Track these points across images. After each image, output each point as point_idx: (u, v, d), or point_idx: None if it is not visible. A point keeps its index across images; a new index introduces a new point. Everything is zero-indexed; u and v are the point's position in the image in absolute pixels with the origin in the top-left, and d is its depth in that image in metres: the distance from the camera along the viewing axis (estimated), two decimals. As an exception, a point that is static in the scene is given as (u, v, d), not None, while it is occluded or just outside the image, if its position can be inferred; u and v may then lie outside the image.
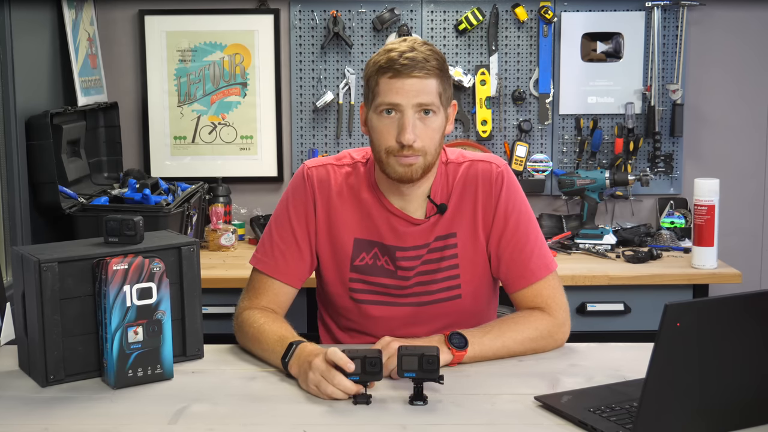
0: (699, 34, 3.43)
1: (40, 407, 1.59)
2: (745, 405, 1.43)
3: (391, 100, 1.80)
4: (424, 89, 1.79)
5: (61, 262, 1.66)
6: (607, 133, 3.45)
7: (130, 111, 3.47)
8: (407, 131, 1.78)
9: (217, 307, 2.81)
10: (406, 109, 1.79)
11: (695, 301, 1.90)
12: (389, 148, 1.82)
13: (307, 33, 3.41)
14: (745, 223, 3.50)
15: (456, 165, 1.95)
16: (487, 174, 1.93)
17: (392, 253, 1.93)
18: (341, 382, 1.59)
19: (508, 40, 3.42)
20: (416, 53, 1.80)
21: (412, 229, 1.92)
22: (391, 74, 1.79)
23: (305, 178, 1.96)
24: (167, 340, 1.71)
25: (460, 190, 1.93)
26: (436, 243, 1.93)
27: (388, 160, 1.83)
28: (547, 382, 1.69)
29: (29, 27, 2.80)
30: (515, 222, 1.92)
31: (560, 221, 3.34)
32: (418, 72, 1.78)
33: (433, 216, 1.92)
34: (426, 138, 1.82)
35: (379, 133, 1.83)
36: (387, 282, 1.94)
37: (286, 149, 3.48)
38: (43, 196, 2.72)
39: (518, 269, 1.92)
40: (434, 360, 1.56)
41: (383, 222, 1.93)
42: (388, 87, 1.80)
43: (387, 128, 1.82)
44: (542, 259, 1.93)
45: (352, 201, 1.94)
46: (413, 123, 1.80)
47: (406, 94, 1.79)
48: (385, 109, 1.81)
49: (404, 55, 1.79)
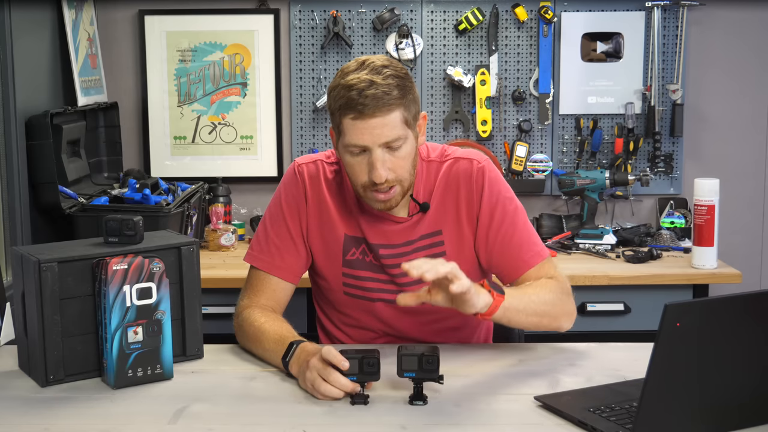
0: (699, 34, 3.43)
1: (40, 407, 1.59)
2: (745, 405, 1.43)
3: (357, 143, 1.79)
4: (387, 125, 1.77)
5: (61, 262, 1.66)
6: (607, 133, 3.45)
7: (130, 111, 3.47)
8: (377, 170, 1.79)
9: (217, 307, 2.81)
10: (374, 149, 1.79)
11: (695, 301, 1.90)
12: (364, 184, 1.84)
13: (307, 33, 3.41)
14: (745, 223, 3.50)
15: (438, 164, 1.96)
16: (467, 171, 1.94)
17: (376, 251, 1.95)
18: (337, 379, 1.59)
19: (508, 40, 3.42)
20: (375, 89, 1.75)
21: (395, 228, 1.94)
22: (354, 115, 1.77)
23: (296, 174, 1.98)
24: (167, 340, 1.71)
25: (442, 189, 1.94)
26: (422, 241, 1.95)
27: (366, 194, 1.86)
28: (547, 382, 1.69)
29: (29, 27, 2.81)
30: (501, 215, 1.93)
31: (560, 221, 3.34)
32: (379, 111, 1.76)
33: (415, 215, 1.94)
34: (398, 168, 1.82)
35: (352, 170, 1.84)
36: (376, 276, 1.97)
37: (286, 149, 3.48)
38: (43, 196, 2.72)
39: (511, 261, 1.93)
40: (434, 360, 1.56)
41: (366, 220, 1.95)
42: (352, 129, 1.78)
43: (359, 165, 1.82)
44: (533, 248, 1.93)
45: (339, 200, 1.97)
46: (382, 159, 1.79)
47: (371, 134, 1.77)
48: (353, 151, 1.81)
49: (364, 93, 1.75)
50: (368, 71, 1.77)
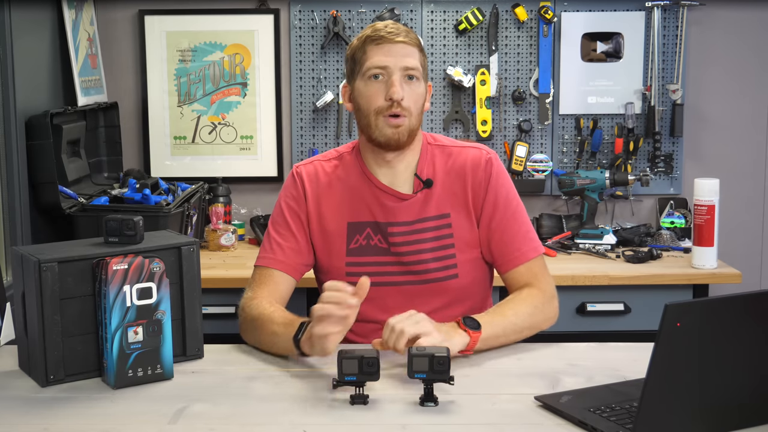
0: (699, 34, 3.43)
1: (40, 407, 1.59)
2: (745, 405, 1.43)
3: (380, 63, 1.93)
4: (409, 54, 1.94)
5: (61, 262, 1.66)
6: (607, 133, 3.45)
7: (130, 111, 3.47)
8: (396, 87, 1.91)
9: (217, 307, 2.81)
10: (394, 71, 1.92)
11: (695, 301, 1.90)
12: (378, 108, 1.93)
13: (307, 33, 3.41)
14: (745, 224, 3.50)
15: (443, 147, 2.06)
16: (477, 160, 2.03)
17: (384, 230, 2.00)
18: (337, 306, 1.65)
19: (508, 40, 3.42)
20: (398, 26, 1.97)
21: (401, 204, 2.00)
22: (379, 41, 1.94)
23: (295, 177, 2.07)
24: (167, 340, 1.71)
25: (452, 175, 2.02)
26: (430, 222, 2.00)
27: (377, 121, 1.94)
28: (547, 382, 1.69)
29: (29, 27, 2.81)
30: (504, 206, 2.01)
31: (560, 221, 3.34)
32: (403, 38, 1.94)
33: (420, 192, 2.00)
34: (411, 100, 1.94)
35: (368, 97, 1.95)
36: (382, 260, 2.00)
37: (286, 149, 3.48)
38: (43, 196, 2.73)
39: (509, 250, 2.01)
40: (445, 361, 1.56)
41: (373, 200, 2.01)
42: (376, 52, 1.93)
43: (376, 90, 1.94)
44: (531, 242, 2.03)
45: (341, 189, 2.03)
46: (401, 82, 1.93)
47: (394, 56, 1.92)
48: (373, 74, 1.93)
49: (388, 26, 1.95)
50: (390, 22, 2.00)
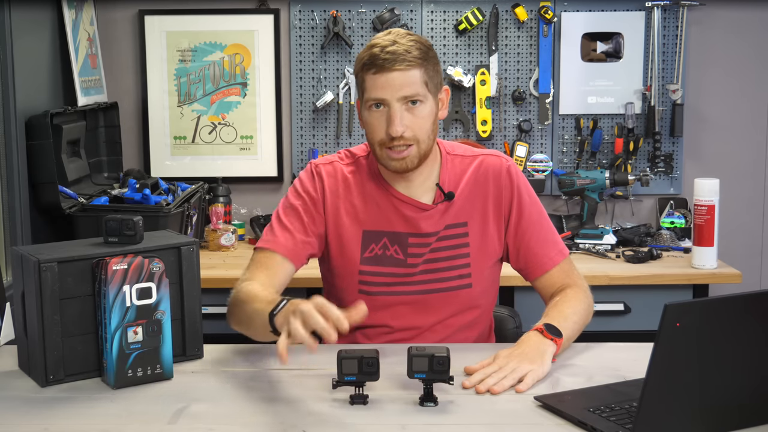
0: (699, 34, 3.43)
1: (40, 407, 1.59)
2: (745, 405, 1.43)
3: (377, 96, 1.87)
4: (406, 81, 1.85)
5: (61, 262, 1.66)
6: (607, 133, 3.45)
7: (130, 111, 3.47)
8: (395, 123, 1.85)
9: (217, 307, 2.79)
10: (392, 103, 1.86)
11: (695, 301, 1.90)
12: (381, 140, 1.89)
13: (307, 33, 3.41)
14: (745, 224, 3.50)
15: (463, 158, 2.03)
16: (497, 168, 2.02)
17: (403, 240, 1.97)
18: (318, 321, 1.48)
19: (508, 40, 3.42)
20: (397, 46, 1.86)
21: (422, 215, 1.97)
22: (375, 70, 1.86)
23: (314, 174, 2.01)
24: (167, 340, 1.71)
25: (471, 183, 2.00)
26: (447, 231, 1.98)
27: (382, 153, 1.91)
28: (547, 382, 1.69)
29: (29, 27, 2.81)
30: (529, 212, 2.02)
31: (560, 221, 3.34)
32: (399, 65, 1.85)
33: (441, 203, 1.97)
34: (416, 127, 1.88)
35: (371, 127, 1.91)
36: (396, 271, 1.97)
37: (286, 149, 3.48)
38: (43, 196, 2.72)
39: (538, 256, 2.01)
40: (444, 361, 1.56)
41: (392, 210, 1.98)
42: (373, 83, 1.87)
43: (377, 122, 1.89)
44: (557, 246, 2.03)
45: (359, 194, 1.99)
46: (401, 115, 1.86)
47: (390, 88, 1.85)
48: (373, 104, 1.88)
49: (385, 50, 1.85)
50: (393, 35, 1.90)
